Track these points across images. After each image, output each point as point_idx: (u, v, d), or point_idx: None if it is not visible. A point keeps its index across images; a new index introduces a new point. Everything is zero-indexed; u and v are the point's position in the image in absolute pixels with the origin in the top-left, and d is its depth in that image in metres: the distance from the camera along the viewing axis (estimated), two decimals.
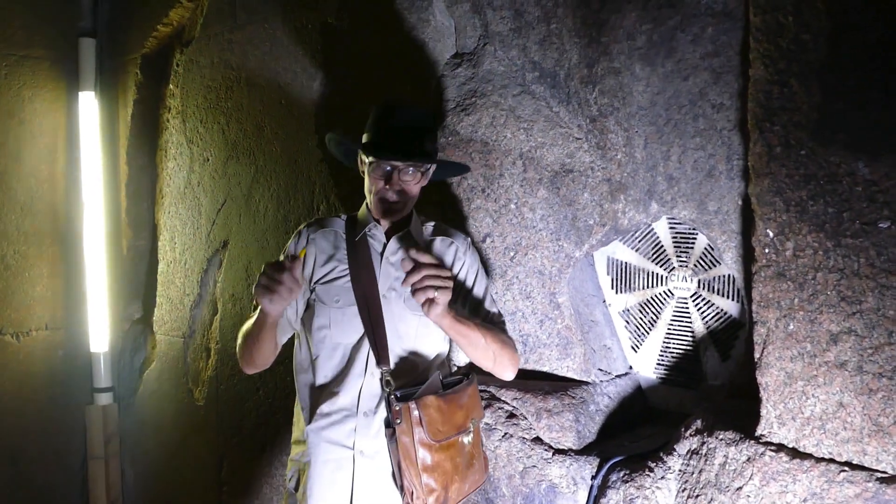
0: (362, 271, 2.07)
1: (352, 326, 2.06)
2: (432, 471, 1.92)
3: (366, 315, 2.03)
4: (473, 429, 2.05)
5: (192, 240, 3.76)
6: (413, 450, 1.91)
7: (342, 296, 2.07)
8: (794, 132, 1.72)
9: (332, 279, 2.10)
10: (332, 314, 2.07)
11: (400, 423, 1.91)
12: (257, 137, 3.36)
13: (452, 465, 1.96)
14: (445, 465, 1.94)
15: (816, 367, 1.72)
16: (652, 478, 2.02)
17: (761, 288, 1.82)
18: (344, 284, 2.08)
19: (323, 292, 2.09)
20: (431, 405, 1.93)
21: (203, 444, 3.72)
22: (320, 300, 2.09)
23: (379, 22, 2.81)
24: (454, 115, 2.57)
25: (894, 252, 1.59)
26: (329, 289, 2.09)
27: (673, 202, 2.14)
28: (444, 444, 1.94)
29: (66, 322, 4.23)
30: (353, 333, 2.06)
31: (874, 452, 1.64)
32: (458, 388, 2.02)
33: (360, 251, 2.10)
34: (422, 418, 1.91)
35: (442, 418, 1.94)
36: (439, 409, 1.94)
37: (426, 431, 1.91)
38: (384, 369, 2.00)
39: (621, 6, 2.15)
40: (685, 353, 2.33)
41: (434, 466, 1.92)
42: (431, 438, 1.91)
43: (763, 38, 1.78)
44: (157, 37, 3.88)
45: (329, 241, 2.15)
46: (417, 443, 1.90)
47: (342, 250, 2.13)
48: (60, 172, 4.17)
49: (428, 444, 1.91)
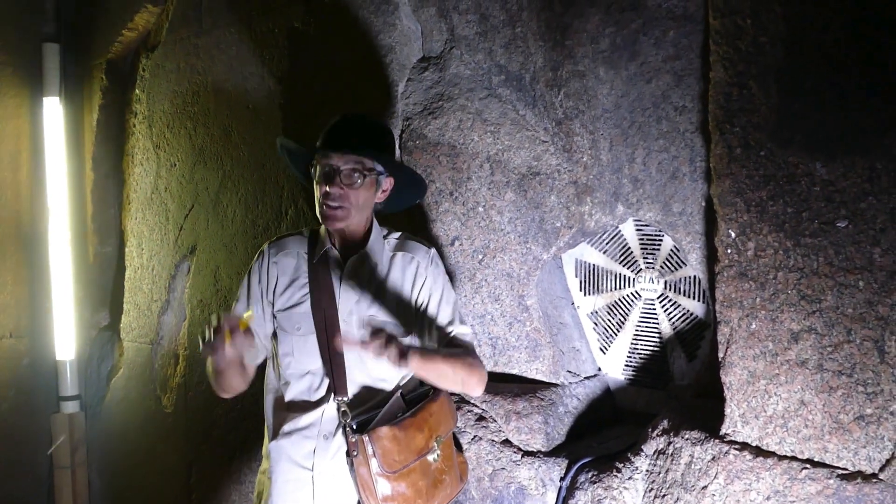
0: (323, 296, 2.03)
1: (316, 353, 2.02)
2: (392, 500, 1.90)
3: (324, 343, 2.00)
4: (441, 446, 1.99)
5: (159, 245, 3.72)
6: (371, 481, 1.89)
7: (303, 323, 2.03)
8: (754, 133, 1.75)
9: (293, 305, 2.06)
10: (295, 342, 2.04)
11: (357, 455, 1.90)
12: (224, 142, 3.34)
13: (414, 490, 1.93)
14: (406, 492, 1.92)
15: (778, 365, 1.74)
16: (620, 478, 2.03)
17: (724, 288, 1.84)
18: (305, 310, 2.04)
19: (284, 320, 2.06)
20: (385, 436, 1.89)
21: (172, 451, 3.68)
22: (282, 328, 2.06)
23: (345, 26, 2.80)
24: (421, 118, 2.57)
25: (852, 251, 1.62)
26: (290, 316, 2.05)
27: (638, 204, 2.16)
28: (403, 472, 1.91)
29: (31, 330, 4.16)
30: (317, 360, 2.02)
31: (835, 450, 1.66)
32: (419, 408, 1.97)
33: (321, 274, 2.06)
34: (375, 451, 1.88)
35: (398, 448, 1.91)
36: (394, 438, 1.90)
37: (380, 464, 1.88)
38: (340, 399, 1.98)
39: (584, 10, 2.16)
40: (653, 354, 2.35)
41: (394, 496, 1.90)
42: (387, 470, 1.89)
43: (722, 41, 1.80)
44: (123, 42, 3.84)
45: (291, 264, 2.10)
46: (374, 474, 1.89)
47: (303, 274, 2.08)
48: (25, 179, 4.11)
49: (384, 475, 1.89)
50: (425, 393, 2.05)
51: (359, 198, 2.00)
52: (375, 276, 2.06)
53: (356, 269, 2.06)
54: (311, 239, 2.14)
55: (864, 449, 1.62)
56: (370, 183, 2.01)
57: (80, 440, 4.21)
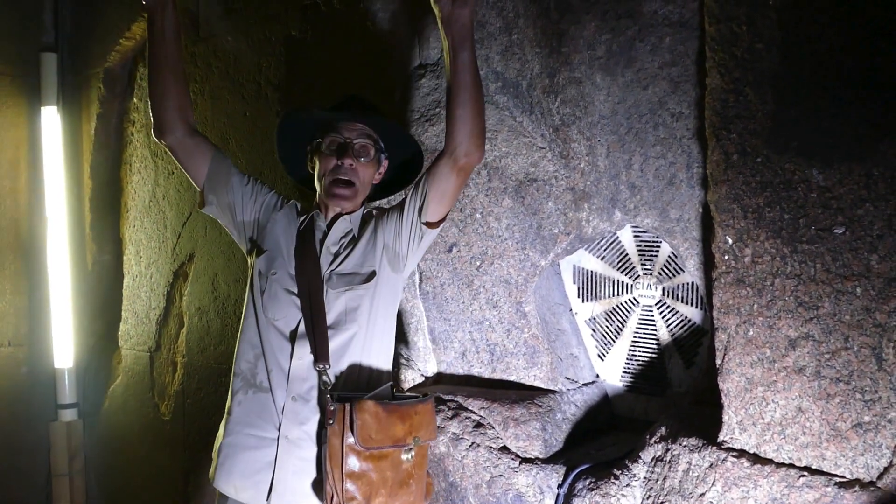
0: (307, 262, 2.04)
1: (288, 302, 2.02)
2: (356, 479, 1.84)
3: (306, 303, 2.00)
4: (417, 448, 1.94)
5: (157, 253, 3.73)
6: (340, 453, 1.83)
7: (279, 269, 2.05)
8: (750, 140, 1.75)
9: (274, 254, 2.08)
10: (270, 286, 2.04)
11: (332, 424, 1.85)
12: (222, 150, 3.34)
13: (380, 477, 1.87)
14: (371, 475, 1.85)
15: (776, 372, 1.73)
16: (617, 485, 2.03)
17: (721, 294, 1.84)
18: (283, 261, 2.06)
19: (262, 261, 2.08)
20: (368, 410, 1.84)
21: (169, 459, 3.67)
22: (259, 270, 2.07)
23: (342, 34, 2.81)
24: (419, 125, 2.57)
25: (849, 257, 1.61)
26: (267, 259, 2.07)
27: (636, 210, 2.16)
28: (375, 453, 1.85)
29: (30, 338, 4.17)
30: (288, 309, 2.02)
31: (832, 457, 1.66)
32: (406, 402, 1.94)
33: (307, 239, 2.08)
34: (353, 422, 1.82)
35: (377, 426, 1.85)
36: (376, 416, 1.85)
37: (356, 436, 1.82)
38: (320, 367, 1.95)
39: (580, 17, 2.16)
40: (650, 360, 2.34)
41: (359, 475, 1.84)
42: (361, 444, 1.83)
43: (718, 48, 1.80)
44: (120, 51, 3.85)
45: (286, 219, 2.14)
46: (346, 446, 1.83)
47: (291, 234, 2.10)
48: (23, 188, 4.12)
49: (357, 449, 1.83)
50: (415, 396, 2.02)
51: (366, 174, 2.08)
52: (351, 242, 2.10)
53: (337, 238, 2.10)
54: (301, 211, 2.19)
55: (861, 457, 1.62)
56: (375, 160, 2.09)
57: (78, 448, 4.21)
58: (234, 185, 2.14)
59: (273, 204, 2.17)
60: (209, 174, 2.13)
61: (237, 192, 2.14)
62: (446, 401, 2.41)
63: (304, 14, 2.94)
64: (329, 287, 2.03)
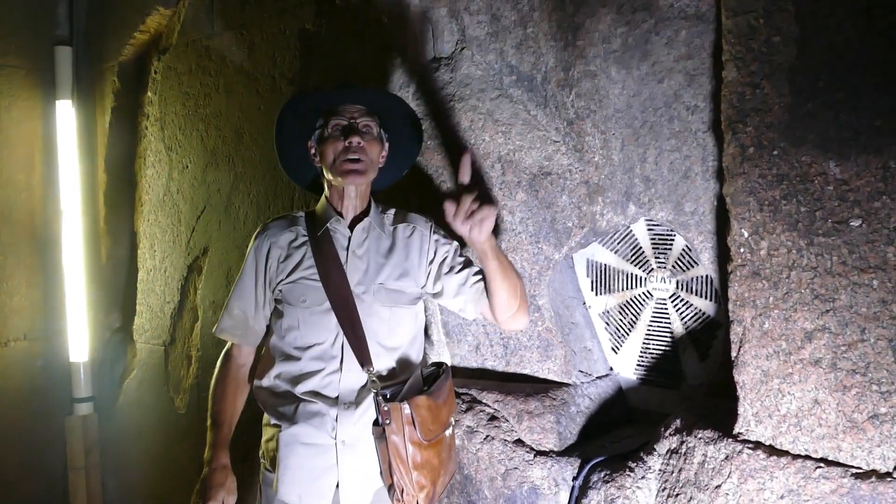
0: (331, 269, 2.05)
1: (322, 326, 2.04)
2: (422, 468, 1.93)
3: (342, 315, 2.02)
4: (453, 423, 2.08)
5: (171, 247, 3.74)
6: (404, 448, 1.90)
7: (308, 295, 2.05)
8: (767, 133, 1.74)
9: (297, 278, 2.08)
10: (301, 315, 2.06)
11: (389, 424, 1.90)
12: (236, 144, 3.36)
13: (439, 460, 1.98)
14: (433, 461, 1.96)
15: (792, 364, 1.74)
16: (632, 478, 2.03)
17: (737, 287, 1.84)
18: (310, 283, 2.06)
19: (288, 292, 2.08)
20: (423, 405, 1.93)
21: (185, 452, 3.69)
22: (286, 301, 2.08)
23: (356, 28, 2.81)
24: (432, 119, 2.58)
25: (865, 250, 1.61)
26: (293, 288, 2.07)
27: (650, 204, 2.16)
28: (433, 441, 1.96)
29: (45, 332, 4.20)
30: (325, 333, 2.04)
31: (849, 448, 1.66)
32: (439, 385, 2.01)
33: (325, 247, 2.08)
34: (414, 418, 1.90)
35: (432, 417, 1.95)
36: (429, 408, 1.94)
37: (419, 431, 1.91)
38: (369, 370, 2.00)
39: (596, 10, 2.16)
40: (665, 353, 2.35)
41: (423, 463, 1.93)
42: (423, 438, 1.92)
43: (735, 41, 1.80)
44: (134, 44, 3.87)
45: (288, 238, 2.13)
46: (408, 441, 1.90)
47: (305, 248, 2.10)
48: (38, 181, 4.15)
49: (419, 442, 1.92)
50: (437, 372, 2.08)
51: (374, 151, 2.08)
52: (381, 246, 2.12)
53: (361, 240, 2.11)
54: (308, 217, 2.18)
55: (878, 448, 1.62)
56: (380, 138, 2.12)
57: (93, 442, 4.24)
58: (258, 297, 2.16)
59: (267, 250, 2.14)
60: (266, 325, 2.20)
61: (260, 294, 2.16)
62: (460, 394, 2.42)
63: (319, 7, 2.95)
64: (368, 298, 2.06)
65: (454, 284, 2.14)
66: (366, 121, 2.08)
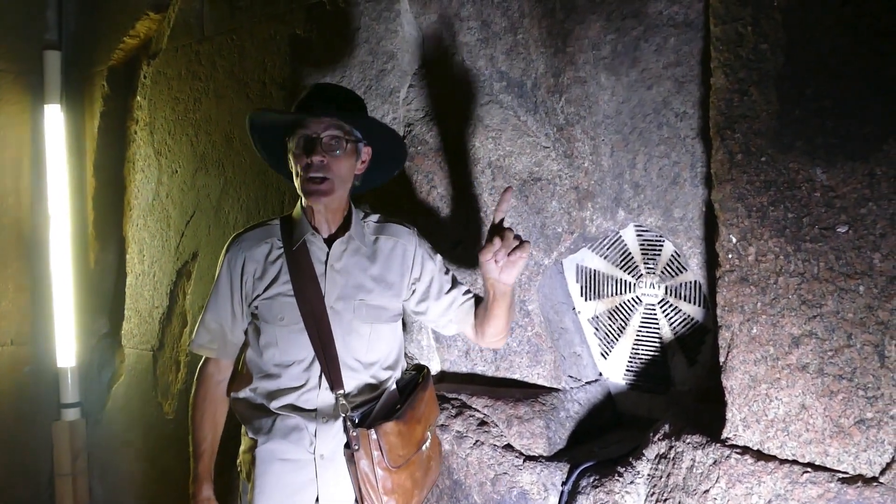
0: (306, 285, 1.98)
1: (300, 344, 1.98)
2: (392, 493, 1.90)
3: (314, 334, 1.96)
4: (431, 434, 2.03)
5: (160, 252, 3.73)
6: (373, 474, 1.88)
7: (286, 313, 1.99)
8: (754, 139, 1.76)
9: (274, 295, 2.00)
10: (278, 332, 1.99)
11: (358, 449, 1.88)
12: (226, 149, 3.35)
13: (412, 481, 1.95)
14: (406, 483, 1.93)
15: (779, 369, 1.75)
16: (621, 483, 2.04)
17: (725, 293, 1.85)
18: (287, 301, 1.99)
19: (265, 309, 2.01)
20: (391, 432, 1.89)
21: (173, 458, 3.67)
22: (263, 318, 2.01)
23: (347, 33, 2.82)
24: (423, 124, 2.59)
25: (852, 256, 1.63)
26: (271, 305, 2.00)
27: (639, 209, 2.17)
28: (404, 465, 1.92)
29: (33, 337, 4.17)
30: (304, 351, 1.99)
31: (836, 453, 1.67)
32: (415, 399, 1.98)
33: (301, 261, 2.00)
34: (381, 446, 1.87)
35: (402, 442, 1.91)
36: (399, 434, 1.90)
37: (386, 458, 1.88)
38: (338, 393, 1.96)
39: (586, 17, 2.18)
40: (653, 358, 2.36)
41: (394, 488, 1.90)
42: (391, 465, 1.89)
43: (723, 48, 1.81)
44: (124, 49, 3.86)
45: (264, 252, 2.04)
46: (377, 467, 1.88)
47: (280, 262, 2.03)
48: (26, 186, 4.13)
49: (389, 469, 1.89)
50: (415, 380, 2.05)
51: (341, 168, 1.95)
52: (361, 259, 2.05)
53: (340, 254, 2.03)
54: (283, 226, 2.08)
55: (864, 453, 1.63)
56: (351, 151, 1.97)
57: (81, 447, 4.21)
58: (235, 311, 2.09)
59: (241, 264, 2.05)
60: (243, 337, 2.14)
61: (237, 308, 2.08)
62: (450, 399, 2.42)
63: (310, 13, 2.95)
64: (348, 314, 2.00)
65: (440, 308, 2.12)
66: (332, 133, 1.92)
